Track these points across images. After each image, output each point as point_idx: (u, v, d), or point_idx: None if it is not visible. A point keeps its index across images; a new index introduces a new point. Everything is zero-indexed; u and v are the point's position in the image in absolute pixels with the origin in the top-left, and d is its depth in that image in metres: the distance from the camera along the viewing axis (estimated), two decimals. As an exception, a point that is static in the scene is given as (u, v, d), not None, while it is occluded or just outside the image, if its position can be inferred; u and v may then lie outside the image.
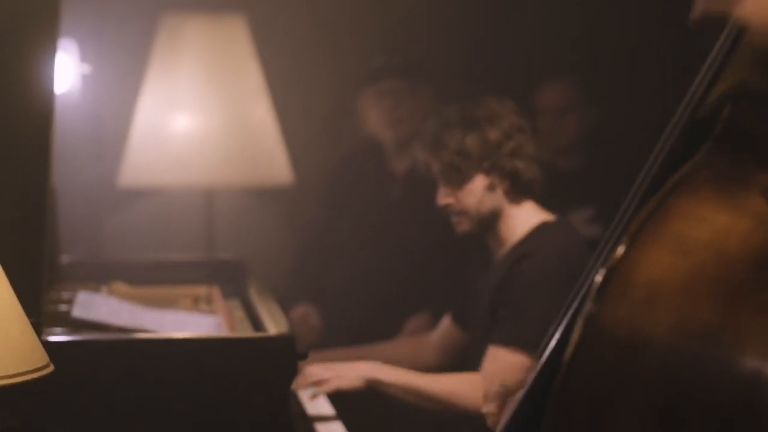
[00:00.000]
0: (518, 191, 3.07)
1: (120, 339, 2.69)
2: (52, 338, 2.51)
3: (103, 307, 3.10)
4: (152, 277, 3.66)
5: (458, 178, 3.07)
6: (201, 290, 3.59)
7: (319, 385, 2.95)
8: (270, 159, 4.41)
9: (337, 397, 3.01)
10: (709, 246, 1.22)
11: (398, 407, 3.14)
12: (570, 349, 1.26)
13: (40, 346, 2.03)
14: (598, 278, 1.27)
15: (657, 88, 4.69)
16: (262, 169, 4.39)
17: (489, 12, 4.67)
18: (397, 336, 4.16)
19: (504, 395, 2.89)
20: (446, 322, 3.36)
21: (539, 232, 3.06)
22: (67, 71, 3.93)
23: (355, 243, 4.48)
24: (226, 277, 3.65)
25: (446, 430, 3.35)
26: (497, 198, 3.06)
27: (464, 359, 3.28)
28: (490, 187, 3.05)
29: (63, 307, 3.11)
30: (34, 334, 2.03)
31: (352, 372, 2.98)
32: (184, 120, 4.35)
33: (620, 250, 1.26)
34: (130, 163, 4.37)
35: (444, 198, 3.12)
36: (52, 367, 2.02)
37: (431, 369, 3.24)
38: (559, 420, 1.25)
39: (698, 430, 1.17)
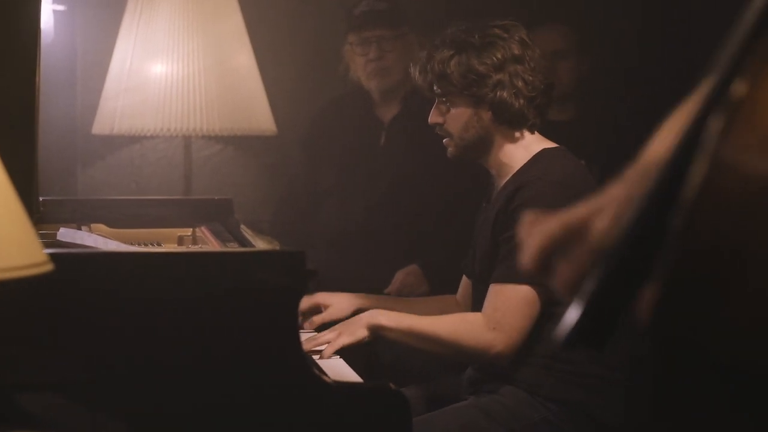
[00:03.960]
0: (509, 123, 2.94)
1: (129, 252, 2.55)
2: (57, 250, 2.35)
3: (88, 239, 2.94)
4: (133, 221, 3.50)
5: (445, 101, 2.95)
6: (186, 232, 3.45)
7: (327, 346, 2.82)
8: (251, 106, 4.26)
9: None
10: None
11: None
12: (691, 192, 1.12)
13: (37, 240, 1.88)
14: (717, 120, 1.14)
15: (650, 39, 4.61)
16: (243, 117, 4.24)
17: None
18: (386, 290, 4.04)
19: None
20: (463, 279, 3.23)
21: (537, 160, 2.93)
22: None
23: (341, 193, 4.34)
24: (212, 219, 3.50)
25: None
26: (485, 126, 2.93)
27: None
28: (476, 116, 2.93)
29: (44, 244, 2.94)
30: (32, 228, 1.87)
31: (354, 325, 2.86)
32: (162, 65, 4.18)
33: (739, 89, 1.13)
34: (105, 110, 4.20)
35: (433, 117, 3.00)
36: (51, 265, 1.86)
37: None
38: (683, 270, 1.11)
39: None
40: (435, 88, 2.96)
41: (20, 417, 2.40)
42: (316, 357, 2.78)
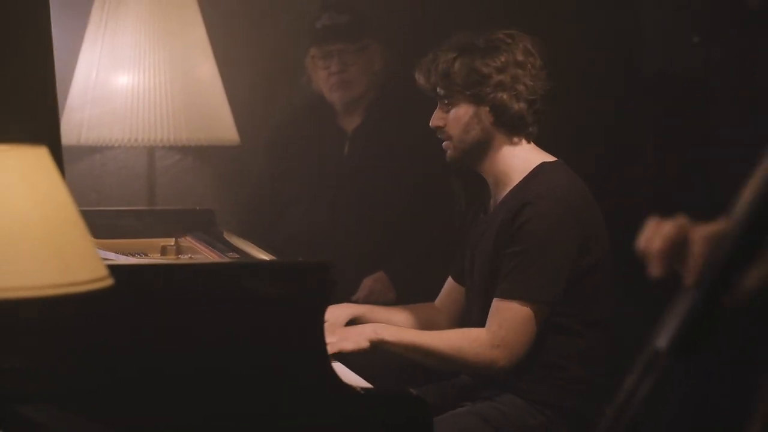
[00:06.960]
0: (509, 127, 3.01)
1: (159, 264, 2.58)
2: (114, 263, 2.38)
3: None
4: (115, 231, 3.51)
5: (447, 102, 3.02)
6: (168, 242, 3.48)
7: None
8: (215, 117, 4.29)
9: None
10: None
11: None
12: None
13: (98, 255, 1.91)
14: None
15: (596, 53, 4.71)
16: (207, 127, 4.26)
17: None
18: (353, 297, 4.09)
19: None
20: (449, 284, 3.27)
21: (539, 175, 3.00)
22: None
23: (306, 202, 4.37)
24: (194, 229, 3.52)
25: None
26: (486, 129, 3.01)
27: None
28: (476, 117, 3.00)
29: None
30: (92, 243, 1.90)
31: (356, 334, 2.91)
32: (127, 76, 4.19)
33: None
34: (71, 120, 4.20)
35: (435, 120, 3.06)
36: (112, 280, 1.89)
37: None
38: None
39: None
40: (438, 89, 3.02)
41: (28, 427, 2.41)
42: None
